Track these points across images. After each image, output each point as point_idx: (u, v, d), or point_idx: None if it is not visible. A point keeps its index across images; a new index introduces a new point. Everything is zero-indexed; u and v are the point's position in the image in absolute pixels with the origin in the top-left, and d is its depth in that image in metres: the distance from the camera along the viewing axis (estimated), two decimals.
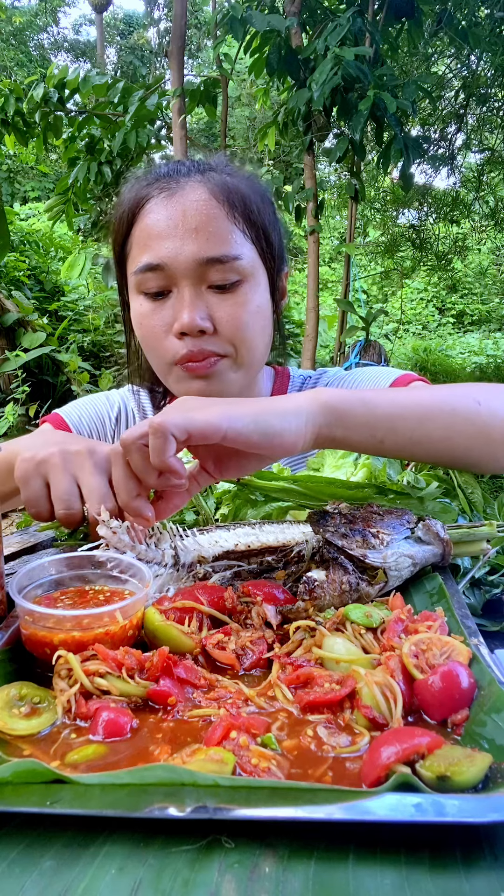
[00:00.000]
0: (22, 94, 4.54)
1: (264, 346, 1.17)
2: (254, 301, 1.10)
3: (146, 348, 1.15)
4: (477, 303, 11.60)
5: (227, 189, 1.09)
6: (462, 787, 0.43)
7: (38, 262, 7.55)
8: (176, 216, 1.06)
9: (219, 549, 0.76)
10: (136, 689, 0.56)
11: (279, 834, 0.41)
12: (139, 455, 0.70)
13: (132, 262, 1.12)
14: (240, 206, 1.09)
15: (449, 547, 0.75)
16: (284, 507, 0.90)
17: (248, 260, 1.09)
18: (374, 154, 4.50)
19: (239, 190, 1.11)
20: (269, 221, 1.14)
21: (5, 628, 0.65)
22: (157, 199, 1.09)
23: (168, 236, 1.06)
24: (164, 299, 1.09)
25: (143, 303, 1.11)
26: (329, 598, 0.68)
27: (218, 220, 1.06)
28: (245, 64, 4.54)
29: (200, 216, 1.05)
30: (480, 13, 4.38)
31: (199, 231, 1.05)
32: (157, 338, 1.10)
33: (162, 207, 1.08)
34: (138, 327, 1.14)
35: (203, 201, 1.07)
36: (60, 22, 25.21)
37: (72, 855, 0.40)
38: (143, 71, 17.38)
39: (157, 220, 1.07)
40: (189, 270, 1.05)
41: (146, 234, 1.08)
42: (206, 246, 1.05)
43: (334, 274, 11.59)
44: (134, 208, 1.12)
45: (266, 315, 1.15)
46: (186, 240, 1.05)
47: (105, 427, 1.33)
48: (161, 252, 1.06)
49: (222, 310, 1.07)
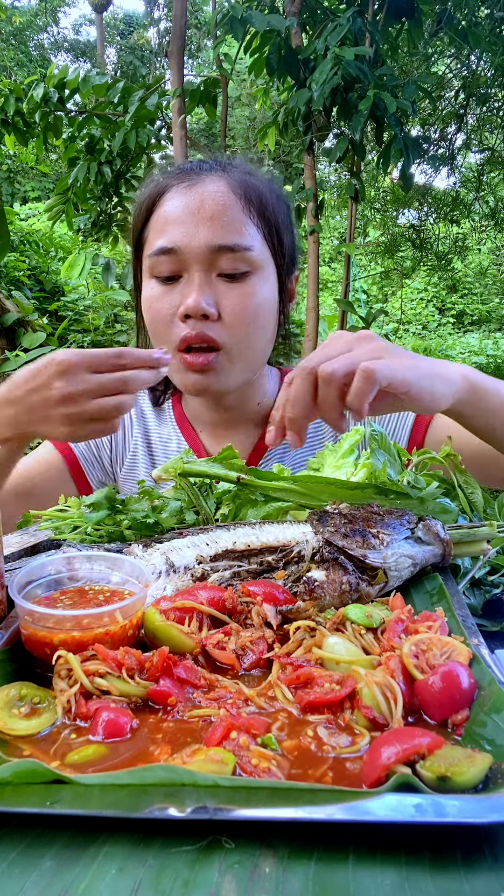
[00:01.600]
0: (22, 94, 4.54)
1: (265, 342, 1.18)
2: (260, 294, 1.13)
3: (152, 332, 1.17)
4: (477, 303, 11.59)
5: (245, 184, 1.14)
6: (462, 788, 0.43)
7: (38, 262, 7.55)
8: (193, 204, 1.10)
9: (218, 548, 0.76)
10: (136, 690, 0.56)
11: (279, 834, 0.41)
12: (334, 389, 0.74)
13: (148, 246, 1.15)
14: (256, 202, 1.14)
15: (449, 547, 0.75)
16: (284, 507, 0.89)
17: (259, 253, 1.13)
18: (374, 154, 4.49)
19: (257, 187, 1.15)
20: (283, 222, 1.19)
21: (5, 628, 0.65)
22: (178, 188, 1.14)
23: (184, 222, 1.10)
24: (174, 284, 1.12)
25: (154, 286, 1.14)
26: (329, 598, 0.68)
27: (233, 210, 1.11)
28: (245, 64, 4.53)
29: (217, 206, 1.10)
30: (480, 13, 4.38)
31: (214, 219, 1.09)
32: (164, 321, 1.13)
33: (181, 195, 1.12)
34: (147, 310, 1.16)
35: (221, 193, 1.11)
36: (60, 22, 25.22)
37: (72, 855, 0.40)
38: (143, 71, 17.39)
39: (175, 206, 1.12)
40: (201, 255, 1.09)
41: (163, 220, 1.13)
42: (220, 234, 1.09)
43: (334, 274, 11.59)
44: (154, 196, 1.16)
45: (271, 311, 1.17)
46: (201, 227, 1.09)
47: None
48: (175, 236, 1.10)
49: (229, 298, 1.10)
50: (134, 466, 1.32)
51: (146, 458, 1.32)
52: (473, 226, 7.01)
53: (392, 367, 0.73)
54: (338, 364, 0.74)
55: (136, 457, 1.33)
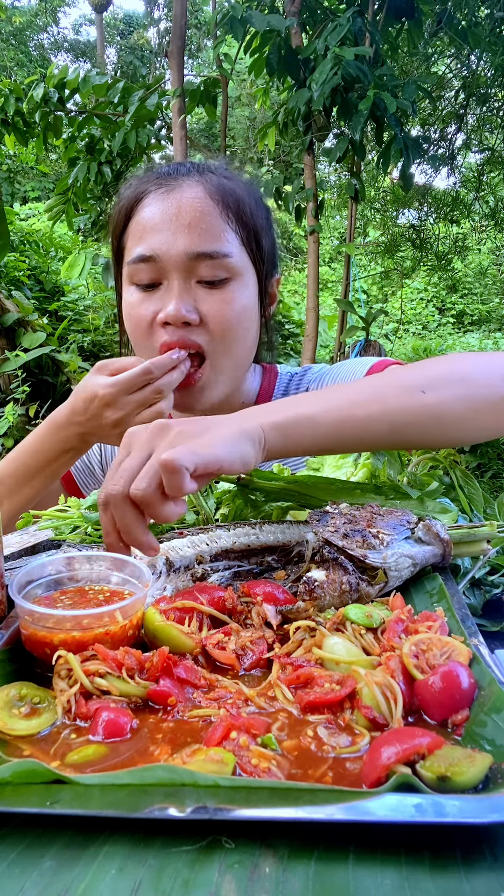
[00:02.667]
0: (22, 94, 4.54)
1: (246, 348, 1.18)
2: (240, 300, 1.12)
3: (133, 339, 1.17)
4: (477, 303, 11.59)
5: (222, 190, 1.13)
6: (462, 788, 0.43)
7: (38, 262, 7.54)
8: (171, 211, 1.09)
9: (217, 547, 0.76)
10: (136, 690, 0.56)
11: (279, 834, 0.41)
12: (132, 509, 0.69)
13: (127, 253, 1.15)
14: (233, 208, 1.13)
15: (449, 547, 0.75)
16: (284, 507, 0.89)
17: (238, 259, 1.12)
18: (374, 154, 4.50)
19: (234, 192, 1.14)
20: (261, 226, 1.18)
21: (5, 628, 0.65)
22: (155, 194, 1.13)
23: (162, 230, 1.09)
24: (153, 291, 1.12)
25: (134, 293, 1.14)
26: (329, 599, 0.68)
27: (211, 217, 1.10)
28: (245, 64, 4.53)
29: (194, 212, 1.09)
30: (480, 13, 4.38)
31: (192, 226, 1.08)
32: (144, 328, 1.12)
33: (158, 202, 1.11)
34: (127, 318, 1.16)
35: (198, 199, 1.10)
36: (60, 22, 25.22)
37: (72, 855, 0.40)
38: (143, 71, 17.38)
39: (152, 213, 1.11)
40: (179, 263, 1.08)
41: (141, 227, 1.12)
42: (198, 241, 1.08)
43: (334, 274, 11.59)
44: (132, 203, 1.15)
45: (251, 317, 1.17)
46: (179, 234, 1.08)
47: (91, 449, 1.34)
48: (154, 244, 1.09)
49: (208, 304, 1.10)
50: None
51: None
52: (473, 226, 7.02)
53: (194, 450, 0.68)
54: (146, 480, 0.68)
55: None
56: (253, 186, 1.21)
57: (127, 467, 0.70)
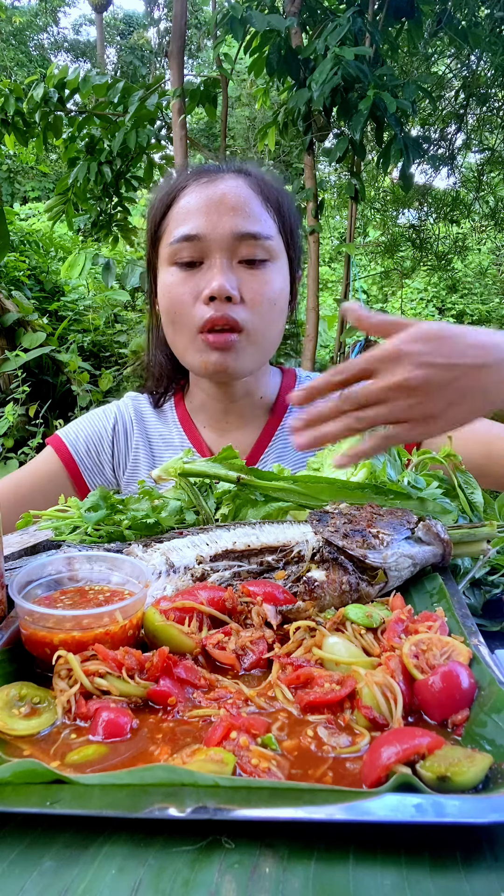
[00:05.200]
0: (22, 94, 4.54)
1: (277, 331, 1.24)
2: (276, 282, 1.19)
3: (171, 317, 1.20)
4: (477, 303, 11.58)
5: (262, 182, 1.22)
6: (462, 788, 0.43)
7: (38, 262, 7.53)
8: (215, 197, 1.17)
9: (217, 548, 0.76)
10: (136, 690, 0.56)
11: (279, 834, 0.41)
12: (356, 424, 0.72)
13: (168, 236, 1.20)
14: (272, 198, 1.21)
15: (449, 547, 0.75)
16: (284, 507, 0.89)
17: (276, 244, 1.20)
18: (374, 154, 4.49)
19: (272, 185, 1.23)
20: (294, 222, 1.26)
21: (5, 628, 0.65)
22: (196, 184, 1.20)
23: (206, 213, 1.16)
24: (195, 270, 1.17)
25: (175, 272, 1.19)
26: (329, 598, 0.68)
27: (253, 203, 1.17)
28: (245, 64, 4.53)
29: (238, 198, 1.16)
30: (480, 13, 4.38)
31: (237, 209, 1.16)
32: (185, 304, 1.17)
33: (201, 190, 1.18)
34: (165, 296, 1.20)
35: (240, 187, 1.18)
36: (60, 22, 25.21)
37: (72, 855, 0.40)
38: (143, 71, 17.38)
39: (197, 199, 1.18)
40: (224, 242, 1.15)
41: (185, 211, 1.18)
42: (243, 222, 1.15)
43: (334, 274, 11.59)
44: (173, 193, 1.22)
45: (285, 300, 1.24)
46: (224, 215, 1.15)
47: (102, 441, 1.35)
48: (199, 224, 1.15)
49: (249, 283, 1.16)
50: (136, 470, 1.33)
51: (149, 461, 1.33)
52: (473, 226, 7.01)
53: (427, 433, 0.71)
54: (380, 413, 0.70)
55: (137, 461, 1.34)
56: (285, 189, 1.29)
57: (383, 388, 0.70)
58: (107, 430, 1.36)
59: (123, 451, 1.35)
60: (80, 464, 1.32)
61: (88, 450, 1.33)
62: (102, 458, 1.35)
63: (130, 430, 1.36)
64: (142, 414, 1.38)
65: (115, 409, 1.39)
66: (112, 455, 1.35)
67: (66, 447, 1.32)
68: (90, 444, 1.34)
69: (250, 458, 1.29)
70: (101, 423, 1.37)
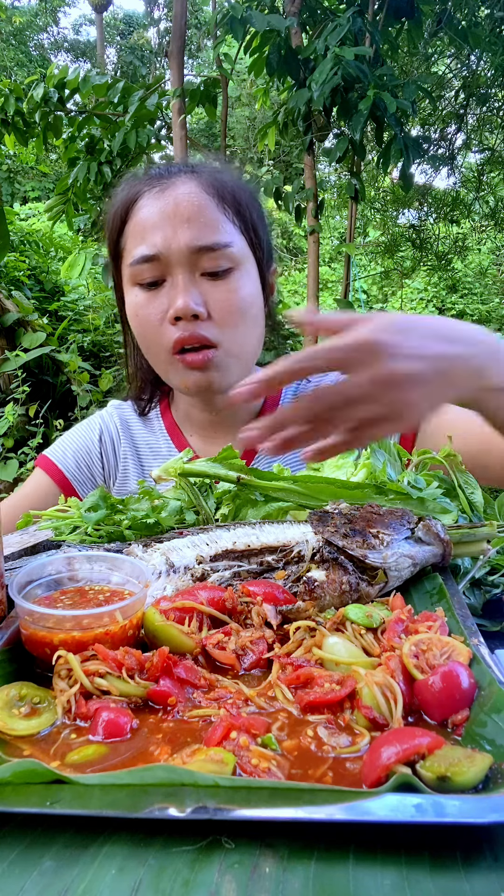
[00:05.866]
0: (22, 94, 4.54)
1: (256, 337, 1.19)
2: (245, 288, 1.14)
3: (142, 340, 1.17)
4: (477, 303, 11.58)
5: (216, 183, 1.14)
6: (462, 788, 0.43)
7: (38, 262, 7.53)
8: (168, 208, 1.10)
9: (217, 548, 0.76)
10: (136, 690, 0.56)
11: (279, 834, 0.41)
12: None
13: (127, 255, 1.15)
14: (229, 199, 1.14)
15: (449, 547, 0.75)
16: (284, 507, 0.89)
17: (239, 249, 1.13)
18: (374, 154, 4.49)
19: (228, 184, 1.15)
20: (257, 216, 1.19)
21: (5, 628, 0.65)
22: (150, 193, 1.13)
23: (161, 227, 1.10)
24: (158, 289, 1.12)
25: (139, 294, 1.14)
26: (329, 599, 0.68)
27: (209, 210, 1.11)
28: (245, 64, 4.53)
29: (192, 207, 1.10)
30: (480, 13, 4.38)
31: (192, 221, 1.09)
32: (153, 326, 1.13)
33: (154, 201, 1.12)
34: (134, 318, 1.16)
35: (194, 193, 1.11)
36: (60, 22, 25.20)
37: (72, 855, 0.40)
38: (143, 71, 17.38)
39: (150, 213, 1.11)
40: (183, 258, 1.09)
41: (140, 227, 1.12)
42: (199, 234, 1.09)
43: (334, 274, 11.58)
44: (127, 205, 1.15)
45: (257, 305, 1.18)
46: (179, 229, 1.09)
47: (91, 454, 1.34)
48: (156, 242, 1.10)
49: (215, 296, 1.11)
50: (126, 480, 1.32)
51: (137, 470, 1.32)
52: (473, 226, 7.01)
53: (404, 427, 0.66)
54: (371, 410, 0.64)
55: (126, 470, 1.33)
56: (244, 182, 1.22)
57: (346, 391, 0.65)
58: (93, 441, 1.35)
59: (112, 461, 1.35)
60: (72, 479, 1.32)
61: (78, 464, 1.32)
62: (94, 471, 1.34)
63: (117, 440, 1.35)
64: (127, 423, 1.37)
65: (99, 420, 1.38)
66: (102, 466, 1.34)
67: (55, 465, 1.31)
68: (79, 458, 1.33)
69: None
70: (87, 435, 1.36)
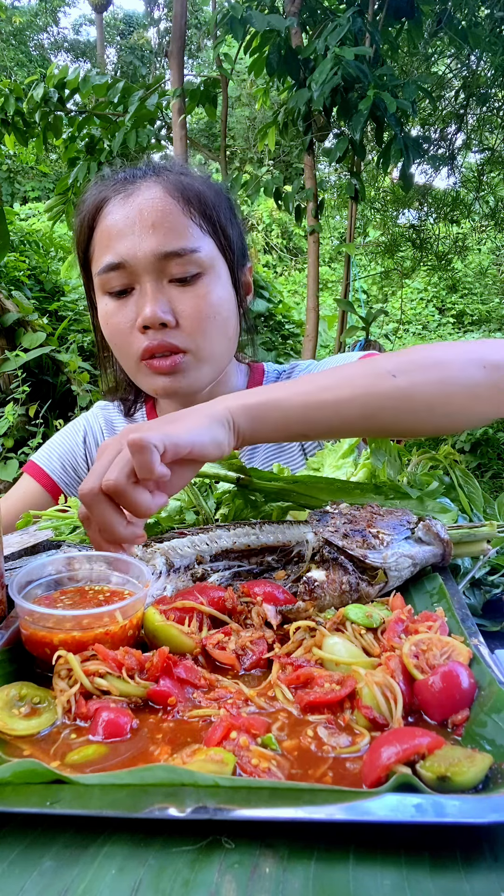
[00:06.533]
0: (22, 94, 4.54)
1: (227, 339, 1.18)
2: (214, 293, 1.12)
3: (113, 347, 1.18)
4: (477, 303, 11.58)
5: (181, 186, 1.13)
6: (462, 788, 0.43)
7: (38, 262, 7.53)
8: (133, 215, 1.09)
9: (217, 547, 0.76)
10: (136, 690, 0.56)
11: (279, 834, 0.41)
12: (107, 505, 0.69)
13: (95, 263, 1.15)
14: (195, 202, 1.12)
15: (449, 547, 0.75)
16: (284, 507, 0.89)
17: (207, 253, 1.12)
18: (374, 154, 4.50)
19: (193, 186, 1.14)
20: (225, 217, 1.17)
21: (5, 628, 0.65)
22: (115, 200, 1.12)
23: (126, 235, 1.09)
24: (127, 297, 1.12)
25: (108, 302, 1.14)
26: (329, 599, 0.68)
27: (174, 215, 1.09)
28: (245, 64, 4.53)
29: (156, 212, 1.09)
30: (480, 13, 4.38)
31: (157, 227, 1.08)
32: (123, 335, 1.12)
33: (119, 208, 1.11)
34: (105, 327, 1.16)
35: (158, 198, 1.10)
36: (60, 22, 25.22)
37: (72, 855, 0.40)
38: (143, 71, 17.39)
39: (115, 220, 1.11)
40: (149, 265, 1.08)
41: (106, 235, 1.11)
42: (164, 241, 1.08)
43: (334, 274, 11.59)
44: (94, 212, 1.15)
45: (229, 307, 1.17)
46: (144, 236, 1.08)
47: (76, 456, 1.35)
48: (121, 250, 1.09)
49: (184, 302, 1.10)
50: None
51: None
52: (473, 226, 7.02)
53: (163, 431, 0.69)
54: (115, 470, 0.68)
55: None
56: (211, 181, 1.21)
57: (97, 468, 0.70)
58: (77, 444, 1.35)
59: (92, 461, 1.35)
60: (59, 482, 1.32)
61: (64, 467, 1.33)
62: (80, 473, 1.34)
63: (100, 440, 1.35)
64: (112, 423, 1.37)
65: (83, 421, 1.39)
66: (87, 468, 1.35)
67: (42, 469, 1.32)
68: (65, 461, 1.34)
69: None
70: (72, 438, 1.36)
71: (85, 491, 0.69)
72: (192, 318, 1.10)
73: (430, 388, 0.84)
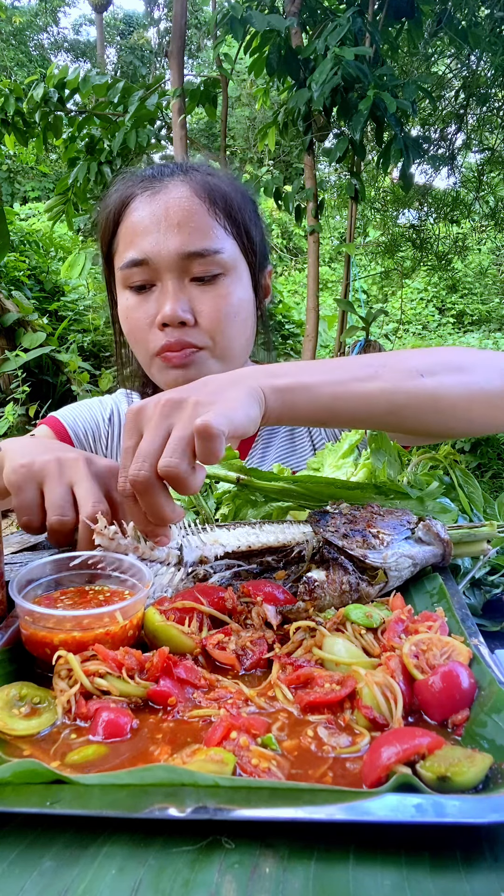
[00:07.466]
0: (22, 94, 4.54)
1: (245, 339, 1.19)
2: (235, 294, 1.13)
3: (132, 342, 1.18)
4: (477, 303, 11.58)
5: (208, 186, 1.14)
6: (462, 788, 0.43)
7: (38, 262, 7.54)
8: (159, 212, 1.10)
9: (221, 549, 0.76)
10: (136, 690, 0.56)
11: (279, 834, 0.41)
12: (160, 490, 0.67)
13: (119, 258, 1.16)
14: (221, 203, 1.13)
15: (449, 547, 0.75)
16: (284, 507, 0.89)
17: (230, 254, 1.13)
18: (374, 154, 4.50)
19: (220, 188, 1.15)
20: (250, 219, 1.18)
21: (5, 628, 0.65)
22: (142, 197, 1.13)
23: (152, 232, 1.10)
24: (148, 293, 1.13)
25: (129, 297, 1.15)
26: (329, 599, 0.68)
27: (199, 215, 1.10)
28: (245, 64, 4.53)
29: (182, 212, 1.10)
30: (480, 13, 4.38)
31: (182, 226, 1.09)
32: (142, 330, 1.13)
33: (146, 205, 1.12)
34: (124, 321, 1.17)
35: (185, 198, 1.11)
36: (60, 22, 25.21)
37: (72, 855, 0.40)
38: (143, 71, 17.39)
39: (141, 217, 1.12)
40: (172, 264, 1.09)
41: (131, 231, 1.12)
42: (188, 240, 1.09)
43: (334, 274, 11.59)
44: (120, 207, 1.16)
45: (248, 309, 1.18)
46: (169, 235, 1.09)
47: (99, 428, 1.35)
48: (145, 247, 1.10)
49: (203, 302, 1.11)
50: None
51: None
52: (473, 226, 7.02)
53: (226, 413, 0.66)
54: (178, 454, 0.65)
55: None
56: (237, 182, 1.22)
57: (148, 450, 0.67)
58: (103, 417, 1.35)
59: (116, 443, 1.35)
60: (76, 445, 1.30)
61: (87, 433, 1.32)
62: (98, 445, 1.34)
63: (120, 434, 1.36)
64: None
65: (111, 401, 1.39)
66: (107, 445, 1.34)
67: (65, 427, 1.31)
68: (88, 428, 1.33)
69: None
70: (98, 410, 1.36)
71: (141, 477, 0.65)
72: (211, 318, 1.11)
73: (455, 392, 0.85)
